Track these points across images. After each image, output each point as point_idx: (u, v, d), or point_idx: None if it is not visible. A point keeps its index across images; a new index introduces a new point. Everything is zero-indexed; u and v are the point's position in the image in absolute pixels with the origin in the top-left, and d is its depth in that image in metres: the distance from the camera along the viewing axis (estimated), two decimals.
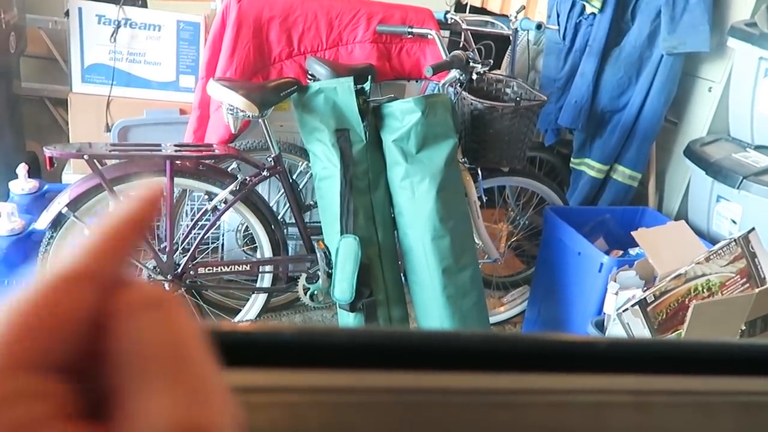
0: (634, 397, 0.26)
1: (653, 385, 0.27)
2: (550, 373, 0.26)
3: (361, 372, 0.25)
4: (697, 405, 0.27)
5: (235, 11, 1.91)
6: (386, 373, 0.25)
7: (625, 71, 2.22)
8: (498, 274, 2.37)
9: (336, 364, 0.25)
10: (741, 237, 1.45)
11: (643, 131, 2.22)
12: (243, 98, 1.65)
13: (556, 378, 0.26)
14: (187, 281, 1.80)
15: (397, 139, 1.73)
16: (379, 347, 0.25)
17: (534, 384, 0.26)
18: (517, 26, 2.15)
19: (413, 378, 0.25)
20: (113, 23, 2.14)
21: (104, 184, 1.61)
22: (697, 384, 0.27)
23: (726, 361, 0.28)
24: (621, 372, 0.27)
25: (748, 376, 0.28)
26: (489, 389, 0.25)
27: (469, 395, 0.25)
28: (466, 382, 0.25)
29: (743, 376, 0.28)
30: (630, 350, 0.28)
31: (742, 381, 0.28)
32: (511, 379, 0.25)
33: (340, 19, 2.02)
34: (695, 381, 0.27)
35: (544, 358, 0.26)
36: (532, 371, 0.26)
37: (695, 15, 2.06)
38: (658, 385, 0.27)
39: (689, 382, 0.27)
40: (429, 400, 0.25)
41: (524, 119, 1.91)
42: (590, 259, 1.84)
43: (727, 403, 0.27)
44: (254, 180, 1.77)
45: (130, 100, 2.21)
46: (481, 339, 0.27)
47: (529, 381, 0.26)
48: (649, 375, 0.27)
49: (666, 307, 1.45)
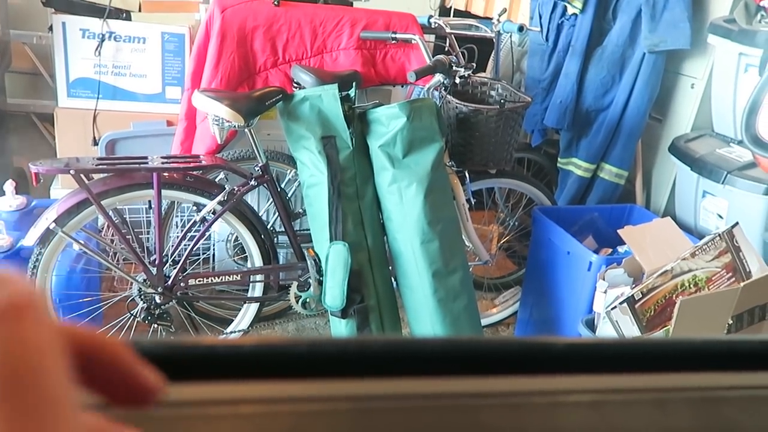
0: (590, 396, 0.27)
1: (609, 384, 0.27)
2: (507, 375, 0.26)
3: (320, 381, 0.25)
4: (653, 402, 0.27)
5: (218, 22, 1.91)
6: (345, 381, 0.25)
7: (608, 70, 2.24)
8: (489, 276, 2.38)
9: (297, 374, 0.25)
10: (725, 232, 1.46)
11: (628, 129, 2.24)
12: (228, 108, 1.65)
13: (512, 380, 0.26)
14: (178, 293, 1.79)
15: (383, 145, 1.73)
16: (339, 356, 0.26)
17: (491, 387, 0.26)
18: (500, 29, 2.17)
19: (372, 385, 0.25)
20: (97, 37, 2.14)
21: (91, 199, 1.61)
22: (653, 381, 0.28)
23: (682, 357, 0.29)
24: (578, 372, 0.27)
25: (703, 371, 0.29)
26: (447, 394, 0.26)
27: (428, 400, 0.26)
28: (424, 387, 0.26)
29: (699, 372, 0.29)
30: (586, 351, 0.28)
31: (697, 377, 0.29)
32: (468, 383, 0.26)
33: (323, 26, 2.03)
34: (651, 378, 0.28)
35: (501, 362, 0.27)
36: (489, 375, 0.27)
37: (675, 13, 2.08)
38: (614, 384, 0.28)
39: (645, 379, 0.28)
40: (388, 406, 0.25)
41: (509, 121, 1.93)
42: (579, 258, 1.85)
43: (683, 399, 0.28)
44: (242, 190, 1.78)
45: (116, 113, 2.21)
46: (440, 345, 0.28)
47: (486, 384, 0.26)
48: (606, 375, 0.28)
49: (654, 303, 1.46)
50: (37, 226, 1.63)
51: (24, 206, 1.98)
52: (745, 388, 0.29)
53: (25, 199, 2.00)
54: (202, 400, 0.25)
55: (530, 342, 0.28)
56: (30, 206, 1.99)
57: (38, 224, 1.63)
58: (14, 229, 1.87)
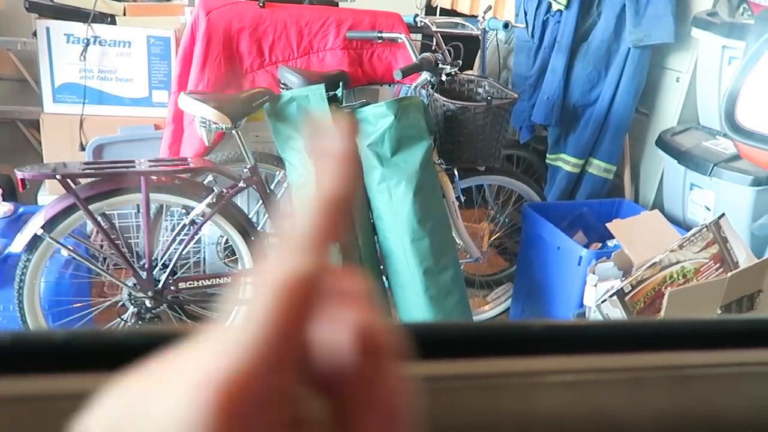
0: (567, 376, 0.27)
1: (586, 364, 0.28)
2: (485, 358, 0.27)
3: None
4: (630, 381, 0.28)
5: (204, 24, 1.91)
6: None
7: (594, 66, 2.25)
8: (481, 273, 2.39)
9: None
10: (712, 223, 1.48)
11: (616, 124, 2.25)
12: (214, 110, 1.65)
13: (490, 362, 0.26)
14: (169, 297, 1.79)
15: (371, 144, 1.73)
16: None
17: (469, 369, 0.26)
18: (485, 26, 2.17)
19: None
20: (82, 42, 2.13)
21: (79, 204, 1.60)
22: (630, 361, 0.28)
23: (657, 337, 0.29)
24: (555, 354, 0.28)
25: (679, 350, 0.29)
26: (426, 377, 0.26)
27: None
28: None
29: (674, 351, 0.29)
30: (563, 332, 0.29)
31: (673, 356, 0.29)
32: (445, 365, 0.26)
33: (309, 27, 2.03)
34: (628, 358, 0.28)
35: (479, 344, 0.27)
36: (467, 357, 0.27)
37: (659, 7, 2.10)
38: (592, 364, 0.28)
39: (622, 359, 0.28)
40: None
41: (497, 118, 1.93)
42: (569, 253, 1.86)
43: (660, 377, 0.28)
44: (231, 192, 1.77)
45: (103, 118, 2.20)
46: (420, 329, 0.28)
47: (464, 367, 0.26)
48: (583, 355, 0.28)
49: (643, 295, 1.47)
50: (25, 233, 1.62)
51: (11, 213, 1.96)
52: (720, 366, 0.29)
53: (12, 206, 1.98)
54: None
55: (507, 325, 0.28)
56: (17, 213, 1.98)
57: (25, 230, 1.62)
58: (1, 236, 1.85)
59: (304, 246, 0.16)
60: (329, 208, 0.17)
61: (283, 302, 0.16)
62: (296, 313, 0.16)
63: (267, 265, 0.16)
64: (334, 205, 0.17)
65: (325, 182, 0.17)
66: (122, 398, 0.16)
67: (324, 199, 0.17)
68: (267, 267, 0.16)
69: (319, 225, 0.17)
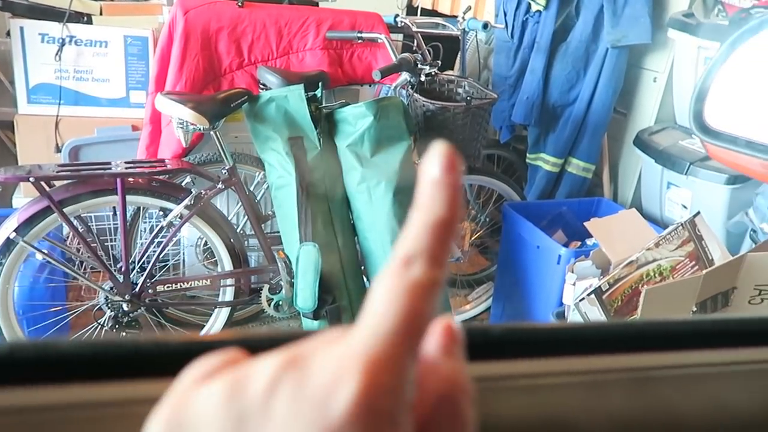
0: (524, 381, 0.27)
1: (543, 368, 0.28)
2: None
3: None
4: (586, 384, 0.28)
5: (181, 24, 1.89)
6: None
7: (572, 66, 2.27)
8: (462, 273, 2.39)
9: None
10: (687, 221, 1.49)
11: (594, 123, 2.27)
12: (192, 111, 1.63)
13: None
14: (146, 300, 1.76)
15: (351, 144, 1.73)
16: None
17: None
18: (465, 27, 2.18)
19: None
20: (57, 41, 2.10)
21: (53, 207, 1.57)
22: (587, 364, 0.28)
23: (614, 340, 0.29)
24: (512, 358, 0.28)
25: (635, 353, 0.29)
26: None
27: None
28: None
29: (631, 353, 0.29)
30: (521, 336, 0.28)
31: (629, 358, 0.29)
32: None
33: (289, 27, 2.02)
34: (584, 361, 0.28)
35: None
36: None
37: (636, 8, 2.12)
38: (548, 368, 0.28)
39: (579, 362, 0.28)
40: None
41: (477, 118, 1.94)
42: (549, 252, 1.87)
43: (616, 380, 0.28)
44: (209, 193, 1.76)
45: (79, 119, 2.17)
46: None
47: None
48: (540, 359, 0.28)
49: (621, 294, 1.49)
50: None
51: None
52: (678, 367, 0.29)
53: None
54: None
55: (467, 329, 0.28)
56: None
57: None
58: None
59: (431, 258, 0.18)
60: (440, 230, 0.19)
61: (414, 301, 0.18)
62: (424, 312, 0.18)
63: (394, 269, 0.19)
64: (444, 228, 0.19)
65: (435, 206, 0.19)
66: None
67: (436, 222, 0.19)
68: (394, 271, 0.18)
69: (436, 244, 0.19)
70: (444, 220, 0.19)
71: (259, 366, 0.18)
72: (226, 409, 0.17)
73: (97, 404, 0.23)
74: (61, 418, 0.23)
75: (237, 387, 0.18)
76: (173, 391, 0.19)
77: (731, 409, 0.28)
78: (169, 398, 0.19)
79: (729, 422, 0.28)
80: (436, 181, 0.19)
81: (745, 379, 0.29)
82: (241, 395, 0.18)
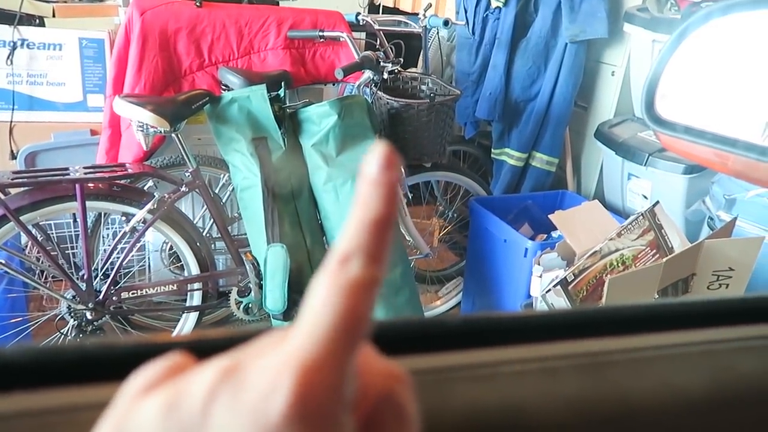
0: (481, 370, 0.27)
1: (499, 356, 0.28)
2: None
3: None
4: (542, 371, 0.28)
5: (138, 25, 1.85)
6: None
7: (533, 61, 2.30)
8: (432, 269, 2.41)
9: None
10: (647, 211, 1.53)
11: (556, 118, 2.31)
12: (151, 113, 1.60)
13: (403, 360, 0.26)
14: (111, 307, 1.73)
15: (316, 144, 1.72)
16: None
17: None
18: (426, 24, 2.19)
19: None
20: (8, 45, 2.03)
21: (9, 215, 1.52)
22: (542, 351, 0.29)
23: (567, 326, 0.30)
24: (469, 348, 0.28)
25: (589, 338, 0.30)
26: None
27: None
28: None
29: (585, 339, 0.30)
30: (476, 326, 0.29)
31: (583, 343, 0.30)
32: None
33: (249, 26, 2.00)
34: (539, 348, 0.29)
35: (392, 342, 0.27)
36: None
37: (593, 3, 2.16)
38: (508, 356, 0.28)
39: (534, 349, 0.29)
40: None
41: (441, 114, 1.95)
42: (516, 246, 1.90)
43: (571, 365, 0.29)
44: (173, 197, 1.73)
45: (35, 125, 2.11)
46: None
47: None
48: (496, 348, 0.28)
49: (586, 284, 1.52)
50: None
51: None
52: (631, 351, 0.30)
53: None
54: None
55: (421, 321, 0.28)
56: None
57: None
58: None
59: (369, 256, 0.18)
60: (377, 228, 0.19)
61: (352, 300, 0.18)
62: (362, 311, 0.18)
63: (331, 268, 0.18)
64: (381, 225, 0.19)
65: (372, 204, 0.19)
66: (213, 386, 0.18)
67: (373, 220, 0.19)
68: (331, 270, 0.18)
69: (373, 241, 0.19)
70: (381, 218, 0.19)
71: (197, 377, 0.18)
72: (166, 423, 0.17)
73: (42, 412, 0.22)
74: (4, 429, 0.22)
75: (175, 400, 0.18)
76: (115, 404, 0.19)
77: (680, 389, 0.29)
78: (111, 412, 0.19)
79: (678, 402, 0.29)
80: (374, 180, 0.19)
81: (693, 360, 0.30)
82: (180, 408, 0.17)
